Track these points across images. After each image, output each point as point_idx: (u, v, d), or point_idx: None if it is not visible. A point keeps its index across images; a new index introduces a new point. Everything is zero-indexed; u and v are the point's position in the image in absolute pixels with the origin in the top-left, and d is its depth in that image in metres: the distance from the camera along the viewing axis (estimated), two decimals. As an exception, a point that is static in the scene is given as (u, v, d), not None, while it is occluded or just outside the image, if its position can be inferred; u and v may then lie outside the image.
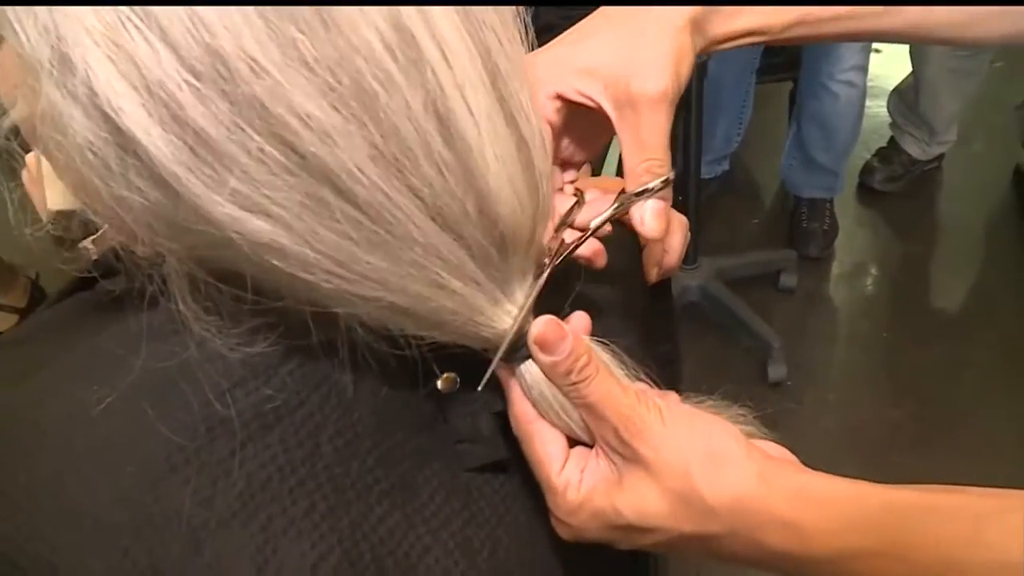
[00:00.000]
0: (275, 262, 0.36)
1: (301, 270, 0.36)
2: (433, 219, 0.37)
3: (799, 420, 1.93)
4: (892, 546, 0.40)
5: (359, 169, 0.34)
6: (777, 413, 0.48)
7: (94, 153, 0.34)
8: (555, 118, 0.53)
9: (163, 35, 0.32)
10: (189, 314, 0.40)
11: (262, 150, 0.33)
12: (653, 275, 0.61)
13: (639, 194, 0.50)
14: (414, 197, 0.36)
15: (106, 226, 0.56)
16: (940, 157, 2.59)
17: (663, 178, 0.50)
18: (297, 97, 0.33)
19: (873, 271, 2.40)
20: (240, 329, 0.41)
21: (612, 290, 0.61)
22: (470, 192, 0.37)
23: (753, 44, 0.57)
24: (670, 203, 0.53)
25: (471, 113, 0.36)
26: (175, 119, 0.33)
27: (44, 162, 0.69)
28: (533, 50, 0.43)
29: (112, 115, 0.33)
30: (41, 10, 0.33)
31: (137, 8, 0.32)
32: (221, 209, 0.34)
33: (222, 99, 0.32)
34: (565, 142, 0.57)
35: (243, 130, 0.33)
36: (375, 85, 0.34)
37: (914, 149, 2.53)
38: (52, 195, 0.70)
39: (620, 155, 0.54)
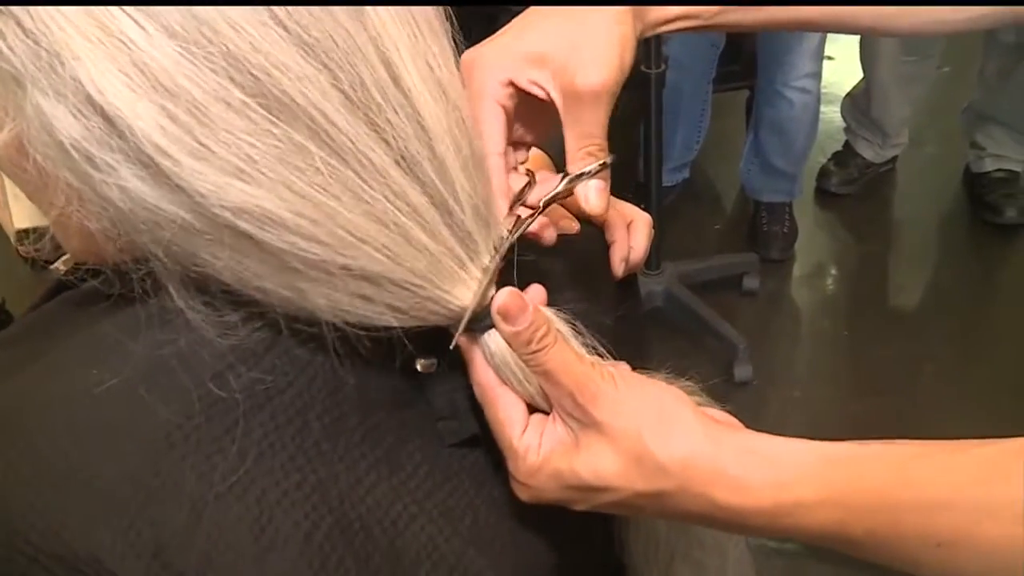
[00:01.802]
0: (253, 233, 0.39)
1: (279, 239, 0.39)
2: (398, 162, 0.40)
3: (766, 418, 1.97)
4: (828, 494, 0.43)
5: (334, 115, 0.38)
6: (744, 412, 0.51)
7: (77, 149, 0.37)
8: (508, 103, 0.55)
9: (147, 10, 0.35)
10: (181, 304, 0.42)
11: (245, 103, 0.37)
12: (619, 269, 0.64)
13: (580, 176, 0.54)
14: (380, 140, 0.40)
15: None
16: (893, 159, 2.66)
17: (601, 161, 0.54)
18: (275, 51, 0.36)
19: (833, 271, 2.46)
20: (229, 319, 0.44)
21: (581, 289, 0.64)
22: (420, 132, 0.41)
23: (687, 29, 0.61)
24: (608, 184, 0.56)
25: (404, 65, 0.41)
26: (160, 88, 0.36)
27: (8, 182, 0.71)
28: (455, 42, 0.46)
29: (98, 99, 0.36)
30: (24, 16, 0.36)
31: None
32: (204, 179, 0.37)
33: (205, 59, 0.36)
34: (516, 125, 0.59)
35: (226, 88, 0.36)
36: (338, 37, 0.38)
37: (868, 152, 2.60)
38: (18, 214, 0.71)
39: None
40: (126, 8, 0.35)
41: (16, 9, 0.36)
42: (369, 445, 0.47)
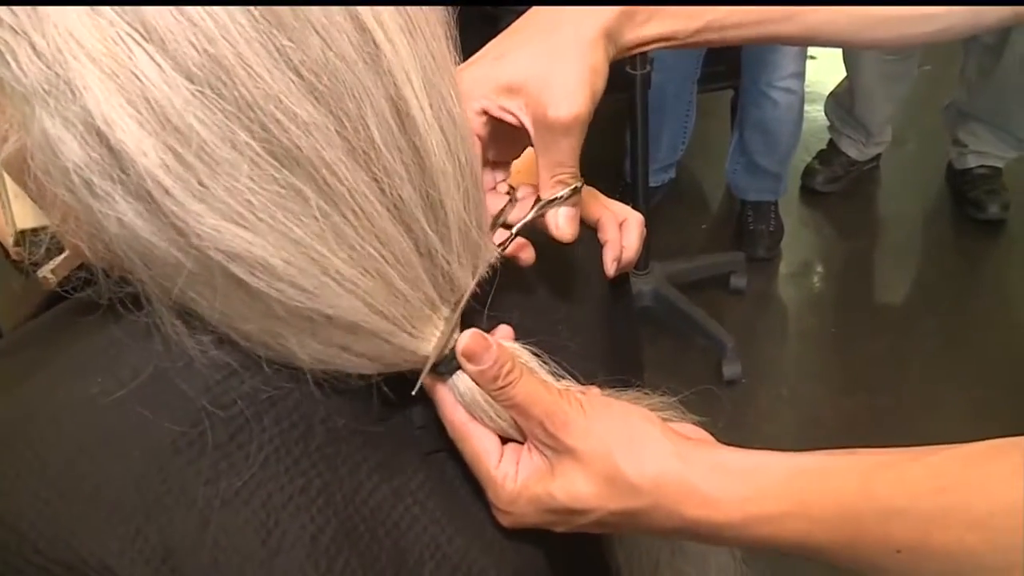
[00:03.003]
0: (244, 278, 0.39)
1: (268, 286, 0.40)
2: (389, 210, 0.41)
3: (755, 416, 1.98)
4: (795, 506, 0.45)
5: (336, 163, 0.39)
6: (734, 410, 0.52)
7: (79, 175, 0.37)
8: (482, 131, 0.57)
9: (163, 47, 0.35)
10: (166, 324, 0.43)
11: (251, 147, 0.37)
12: (612, 269, 0.65)
13: (551, 202, 0.56)
14: (377, 188, 0.41)
15: (67, 253, 0.58)
16: (877, 157, 2.69)
17: (572, 187, 0.55)
18: (285, 98, 0.37)
19: (819, 269, 2.48)
20: (217, 335, 0.44)
21: (576, 286, 0.64)
22: (417, 171, 0.42)
23: (663, 48, 0.62)
24: (579, 210, 0.58)
25: (416, 98, 0.41)
26: (169, 126, 0.36)
27: (9, 183, 0.71)
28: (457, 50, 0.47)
29: (106, 131, 0.36)
30: (36, 35, 0.36)
31: (136, 24, 0.35)
32: (202, 220, 0.37)
33: (217, 102, 0.36)
34: (491, 148, 0.61)
35: (235, 132, 0.37)
36: (349, 82, 0.38)
37: (852, 150, 2.62)
38: (20, 214, 0.71)
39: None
40: (144, 44, 0.35)
41: (31, 30, 0.36)
42: (369, 450, 0.48)
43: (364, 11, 0.39)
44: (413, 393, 0.48)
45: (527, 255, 0.57)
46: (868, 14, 0.64)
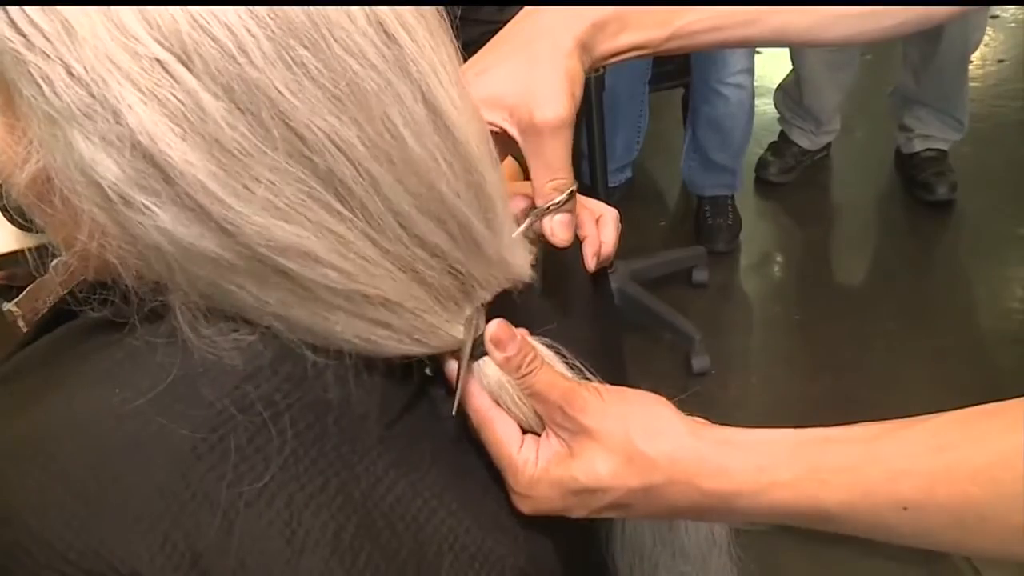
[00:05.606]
0: (292, 268, 0.41)
1: (315, 273, 0.42)
2: (418, 208, 0.43)
3: (727, 405, 2.01)
4: (806, 471, 0.47)
5: (359, 171, 0.41)
6: (705, 401, 0.54)
7: (114, 191, 0.39)
8: None
9: (201, 68, 0.37)
10: (187, 331, 0.44)
11: (282, 157, 0.39)
12: (592, 264, 0.67)
13: (548, 208, 0.57)
14: (403, 191, 0.42)
15: (30, 287, 0.58)
16: (827, 146, 2.75)
17: (568, 191, 0.57)
18: (305, 111, 0.39)
19: (778, 258, 2.53)
20: (240, 335, 0.45)
21: (562, 283, 0.66)
22: (459, 164, 0.44)
23: (636, 58, 0.64)
24: (575, 212, 0.59)
25: (447, 94, 0.43)
26: (210, 138, 0.38)
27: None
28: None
29: (149, 146, 0.38)
30: (72, 59, 0.37)
31: (173, 45, 0.37)
32: (249, 220, 0.39)
33: (250, 116, 0.38)
34: None
35: (266, 143, 0.39)
36: (371, 86, 0.40)
37: (803, 140, 2.68)
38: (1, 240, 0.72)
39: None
40: (177, 64, 0.37)
41: (67, 55, 0.37)
42: (384, 447, 0.49)
43: (385, 13, 0.41)
44: (457, 386, 0.49)
45: None
46: (828, 13, 0.67)
